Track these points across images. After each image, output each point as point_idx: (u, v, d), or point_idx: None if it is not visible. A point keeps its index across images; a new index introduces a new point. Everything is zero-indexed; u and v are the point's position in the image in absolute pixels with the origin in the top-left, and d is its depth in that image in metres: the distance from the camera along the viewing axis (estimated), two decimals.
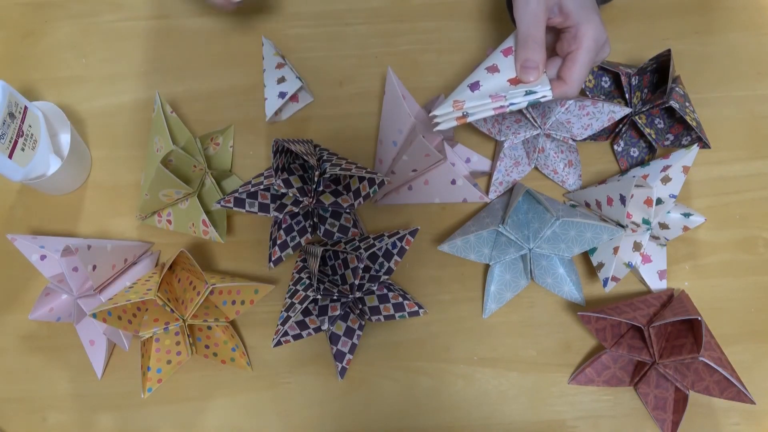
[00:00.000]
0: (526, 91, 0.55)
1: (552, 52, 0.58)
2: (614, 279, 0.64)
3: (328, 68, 0.76)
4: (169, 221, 0.70)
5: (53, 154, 0.68)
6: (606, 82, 0.73)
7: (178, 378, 0.68)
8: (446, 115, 0.57)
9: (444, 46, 0.77)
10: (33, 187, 0.70)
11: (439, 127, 0.57)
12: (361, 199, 0.66)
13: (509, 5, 0.67)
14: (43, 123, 0.67)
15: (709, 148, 0.69)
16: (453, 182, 0.70)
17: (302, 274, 0.65)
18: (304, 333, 0.65)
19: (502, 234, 0.66)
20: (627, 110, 0.67)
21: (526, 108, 0.67)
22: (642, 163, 0.72)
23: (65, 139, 0.69)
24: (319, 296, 0.61)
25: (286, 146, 0.61)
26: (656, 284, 0.68)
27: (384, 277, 0.65)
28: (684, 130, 0.71)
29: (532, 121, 0.68)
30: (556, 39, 0.59)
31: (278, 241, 0.68)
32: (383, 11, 0.78)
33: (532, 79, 0.54)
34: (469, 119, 0.57)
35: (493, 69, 0.56)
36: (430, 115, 0.57)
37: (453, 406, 0.68)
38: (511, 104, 0.55)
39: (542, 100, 0.55)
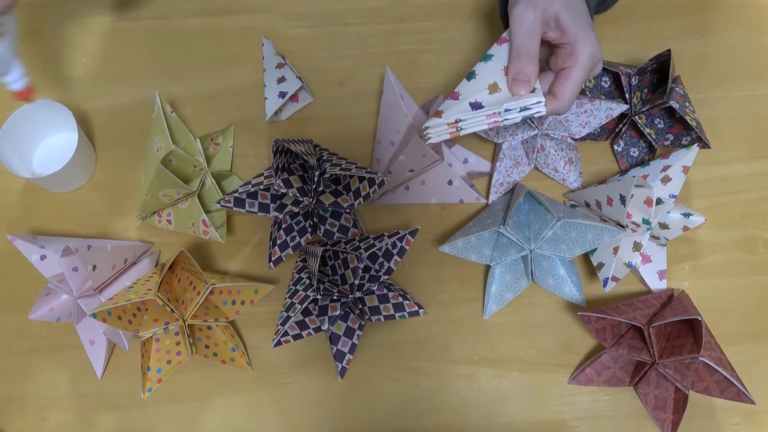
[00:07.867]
0: (521, 108, 0.55)
1: (545, 65, 0.58)
2: (614, 279, 0.64)
3: (328, 68, 0.76)
4: (169, 221, 0.70)
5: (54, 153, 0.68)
6: (606, 82, 0.73)
7: (178, 378, 0.68)
8: (438, 128, 0.57)
9: (444, 46, 0.77)
10: (40, 184, 0.70)
11: (430, 140, 0.57)
12: (361, 199, 0.66)
13: (503, 17, 0.67)
14: (15, 23, 0.64)
15: (709, 148, 0.69)
16: (450, 183, 0.70)
17: (302, 274, 0.65)
18: (304, 333, 0.65)
19: (503, 235, 0.66)
20: (624, 107, 0.67)
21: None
22: (642, 163, 0.72)
23: (72, 136, 0.69)
24: (319, 296, 0.61)
25: (286, 146, 0.61)
26: (656, 284, 0.68)
27: (384, 277, 0.65)
28: (684, 130, 0.71)
29: (530, 122, 0.68)
30: (549, 53, 0.58)
31: (278, 241, 0.68)
32: (383, 11, 0.78)
33: (522, 92, 0.55)
34: (462, 133, 0.57)
35: (495, 88, 0.56)
36: (423, 126, 0.57)
37: (453, 406, 0.68)
38: (506, 120, 0.56)
39: (536, 115, 0.56)
